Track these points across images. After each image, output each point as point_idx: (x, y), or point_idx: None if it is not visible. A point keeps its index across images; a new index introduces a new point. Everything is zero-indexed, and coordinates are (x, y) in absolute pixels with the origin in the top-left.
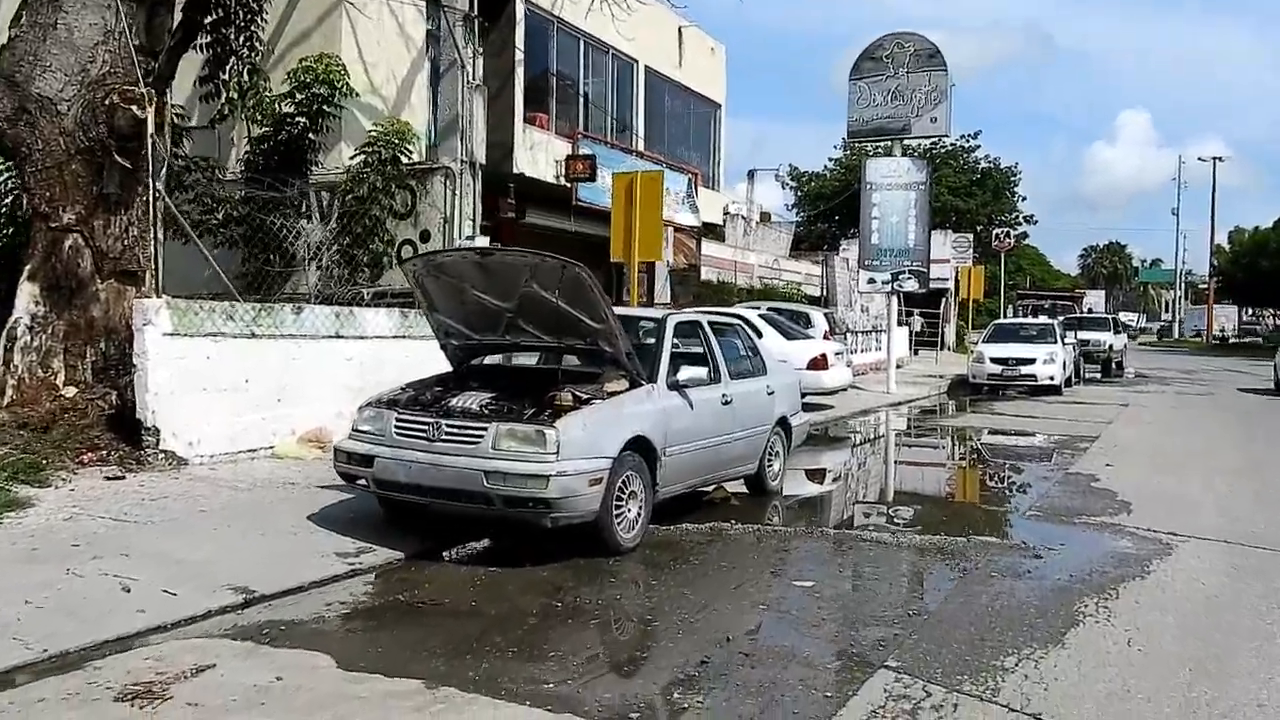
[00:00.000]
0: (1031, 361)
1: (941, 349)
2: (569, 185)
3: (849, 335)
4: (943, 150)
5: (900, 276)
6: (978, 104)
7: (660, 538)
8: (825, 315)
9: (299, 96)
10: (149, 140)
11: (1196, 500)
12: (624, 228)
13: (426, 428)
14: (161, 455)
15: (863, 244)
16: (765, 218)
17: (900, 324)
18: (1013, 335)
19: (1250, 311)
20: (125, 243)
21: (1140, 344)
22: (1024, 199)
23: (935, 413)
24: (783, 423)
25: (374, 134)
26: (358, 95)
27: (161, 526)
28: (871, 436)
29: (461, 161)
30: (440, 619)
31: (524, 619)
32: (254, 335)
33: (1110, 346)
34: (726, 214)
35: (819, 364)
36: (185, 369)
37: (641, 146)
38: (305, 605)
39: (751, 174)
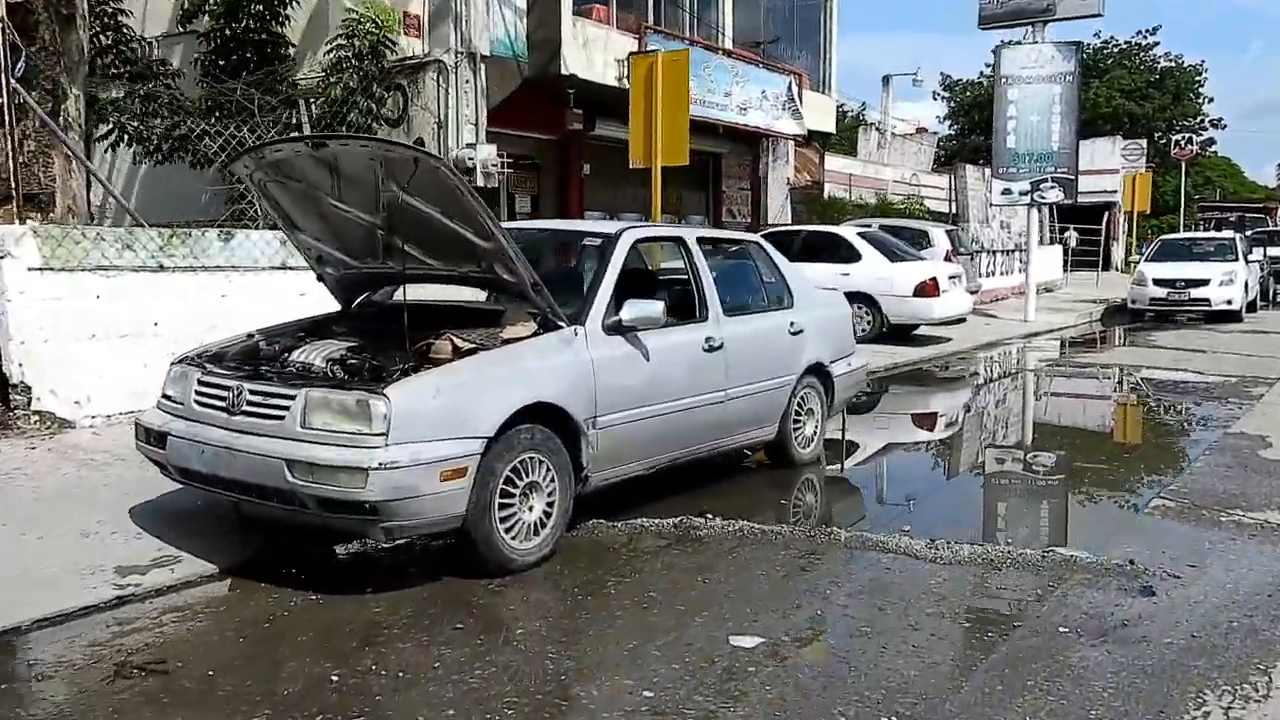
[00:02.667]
0: (1204, 283)
1: (1106, 269)
2: (617, 85)
3: (983, 256)
4: (1115, 49)
5: (1042, 186)
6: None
7: (596, 540)
8: (948, 233)
9: None
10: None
11: None
12: (644, 125)
13: (227, 395)
14: (35, 417)
15: (996, 149)
16: (921, 132)
17: (1051, 241)
18: (1183, 252)
19: None
20: (19, 160)
21: None
22: (1210, 101)
23: (1077, 346)
24: (818, 371)
25: (348, 21)
26: None
27: None
28: (981, 380)
29: (457, 53)
30: (140, 704)
31: (257, 709)
32: (163, 268)
33: None
34: (862, 123)
35: (928, 289)
36: (65, 311)
37: (729, 44)
38: None
39: (886, 80)
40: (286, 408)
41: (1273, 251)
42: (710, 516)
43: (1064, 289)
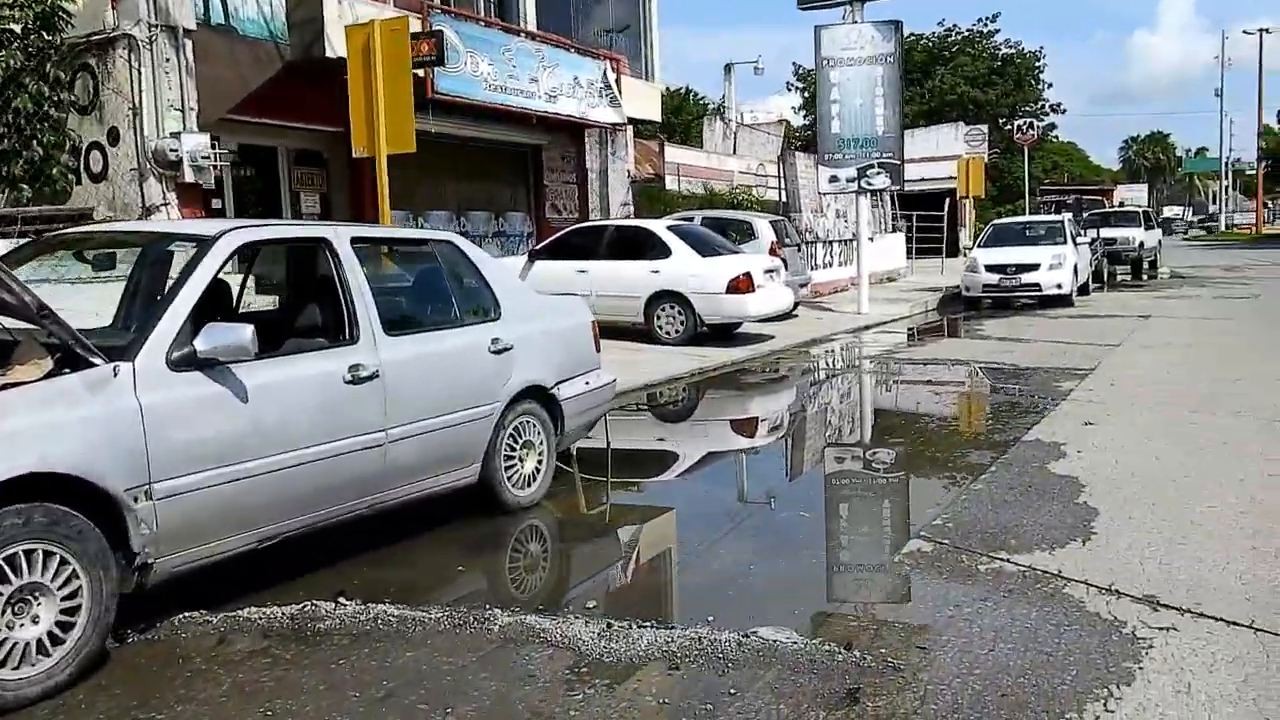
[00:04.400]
0: (1034, 267)
1: (954, 256)
2: (419, 74)
3: (818, 246)
4: (958, 36)
5: (868, 172)
6: None
7: (174, 642)
8: (774, 224)
9: None
10: None
11: (1216, 499)
12: (364, 106)
13: None
14: None
15: (821, 135)
16: (781, 123)
17: (894, 230)
18: (1016, 237)
19: None
20: None
21: (1183, 240)
22: (1049, 86)
23: (903, 339)
24: (537, 394)
25: None
26: None
27: None
28: (780, 385)
29: (151, 25)
30: None
31: None
32: None
33: (1141, 244)
34: (709, 113)
35: (740, 286)
36: None
37: (532, 25)
38: None
39: (729, 68)
40: None
41: (1107, 233)
42: (345, 600)
43: (908, 277)
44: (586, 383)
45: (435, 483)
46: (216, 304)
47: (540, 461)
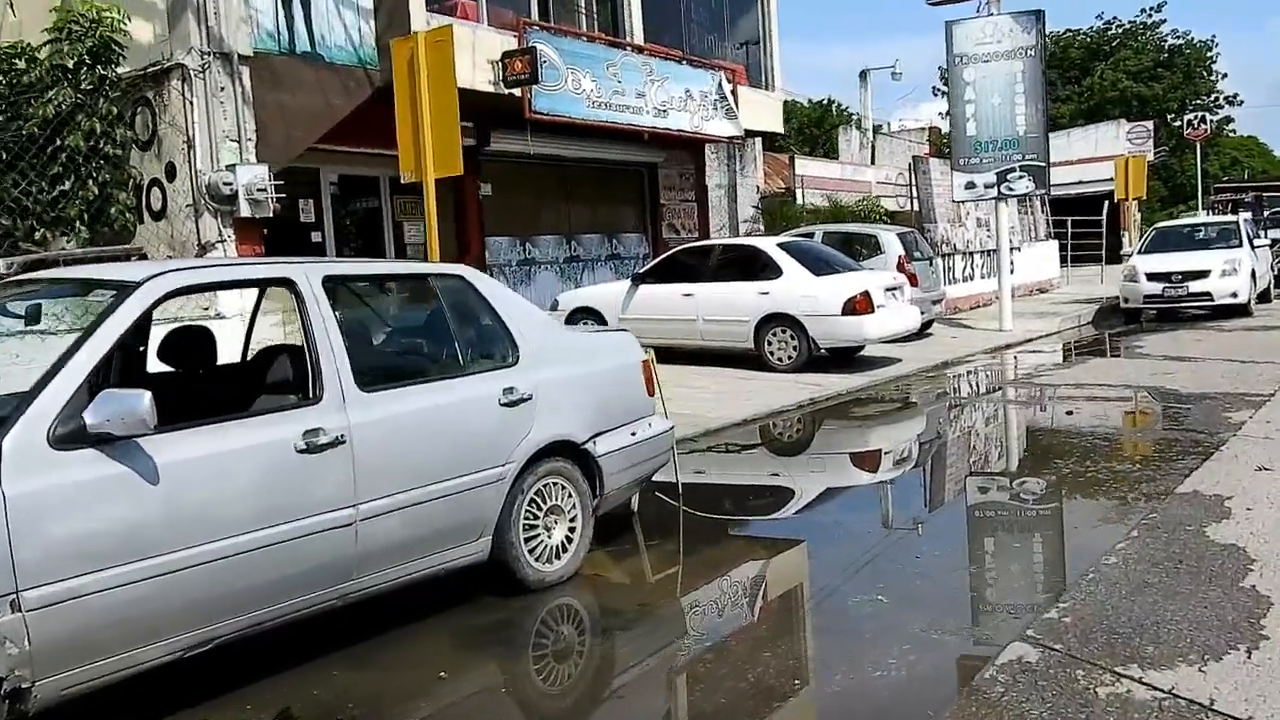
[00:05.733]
0: (1204, 274)
1: (1114, 264)
2: (516, 94)
3: (956, 259)
4: (1119, 30)
5: (1009, 176)
6: None
7: None
8: (901, 237)
9: None
10: None
11: None
12: (411, 125)
13: None
14: None
15: (955, 139)
16: (930, 131)
17: (1048, 237)
18: (1182, 241)
19: None
20: None
21: None
22: (1224, 76)
23: (1049, 359)
24: (565, 450)
25: (60, 20)
26: None
27: None
28: (892, 417)
29: (204, 54)
30: None
31: None
32: None
33: None
34: (843, 120)
35: (859, 306)
36: None
37: (639, 38)
38: None
39: (864, 75)
40: None
41: None
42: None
43: (1061, 288)
44: (633, 434)
45: (429, 564)
46: (193, 354)
47: (573, 529)
